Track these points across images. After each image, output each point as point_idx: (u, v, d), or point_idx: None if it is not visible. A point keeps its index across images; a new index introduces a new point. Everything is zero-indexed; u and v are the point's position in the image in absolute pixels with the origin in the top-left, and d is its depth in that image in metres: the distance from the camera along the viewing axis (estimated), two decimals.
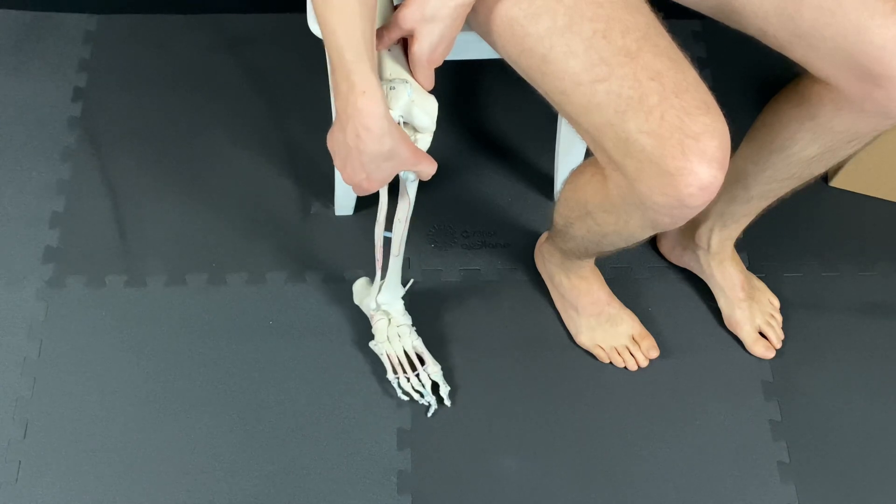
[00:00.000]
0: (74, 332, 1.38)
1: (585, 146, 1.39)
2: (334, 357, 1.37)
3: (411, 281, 1.30)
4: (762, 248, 1.47)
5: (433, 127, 1.01)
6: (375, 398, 1.34)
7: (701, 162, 0.87)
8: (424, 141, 1.01)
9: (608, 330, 1.37)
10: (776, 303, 1.41)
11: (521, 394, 1.35)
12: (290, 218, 1.49)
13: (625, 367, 1.37)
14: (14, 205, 1.49)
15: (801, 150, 1.11)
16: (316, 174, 1.52)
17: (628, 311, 1.38)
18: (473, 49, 1.11)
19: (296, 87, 1.61)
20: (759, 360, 1.38)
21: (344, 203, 1.47)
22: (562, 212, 1.15)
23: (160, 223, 1.48)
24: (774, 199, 1.23)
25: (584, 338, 1.37)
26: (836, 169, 1.51)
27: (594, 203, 1.05)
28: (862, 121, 1.03)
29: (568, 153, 1.42)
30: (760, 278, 1.43)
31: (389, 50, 0.99)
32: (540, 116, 1.58)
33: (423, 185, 1.11)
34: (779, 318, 1.40)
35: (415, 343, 1.31)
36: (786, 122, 1.11)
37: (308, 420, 1.32)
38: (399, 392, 1.32)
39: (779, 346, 1.39)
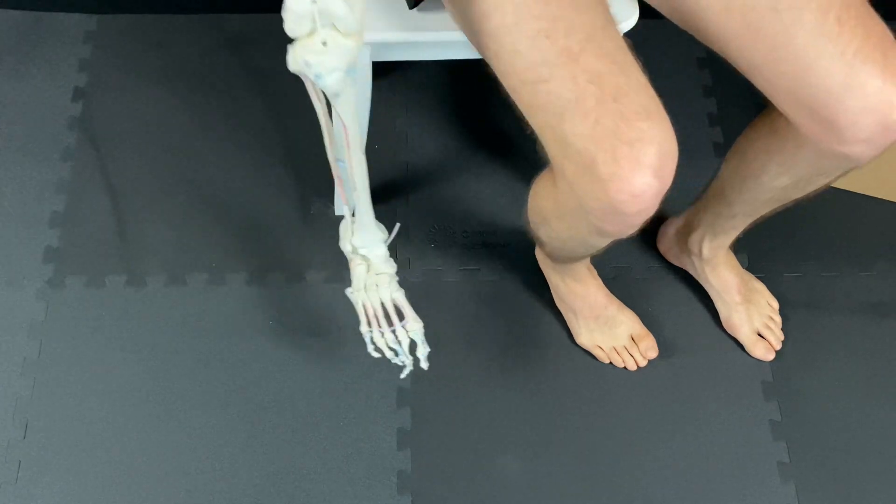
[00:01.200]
0: (74, 332, 1.38)
1: None
2: (334, 357, 1.37)
3: (398, 226, 1.18)
4: (762, 248, 1.47)
5: (357, 26, 0.85)
6: (375, 398, 1.34)
7: (633, 169, 0.84)
8: (346, 52, 0.86)
9: (607, 332, 1.37)
10: (775, 304, 1.41)
11: (521, 394, 1.35)
12: (290, 218, 1.49)
13: (624, 367, 1.37)
14: (14, 205, 1.49)
15: (771, 180, 1.11)
16: (316, 174, 1.52)
17: (627, 312, 1.38)
18: (473, 49, 1.11)
19: (296, 87, 1.61)
20: (759, 360, 1.38)
21: (343, 203, 1.47)
22: (528, 218, 1.14)
23: (160, 223, 1.48)
24: (760, 215, 1.22)
25: (584, 339, 1.38)
26: None
27: (548, 209, 1.04)
28: (823, 159, 1.01)
29: None
30: (760, 278, 1.43)
31: None
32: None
33: (423, 186, 1.11)
34: (778, 319, 1.40)
35: (395, 295, 1.14)
36: (756, 151, 1.10)
37: (308, 420, 1.32)
38: (371, 348, 1.17)
39: (778, 347, 1.39)
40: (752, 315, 1.38)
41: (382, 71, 1.56)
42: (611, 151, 0.84)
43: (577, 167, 0.88)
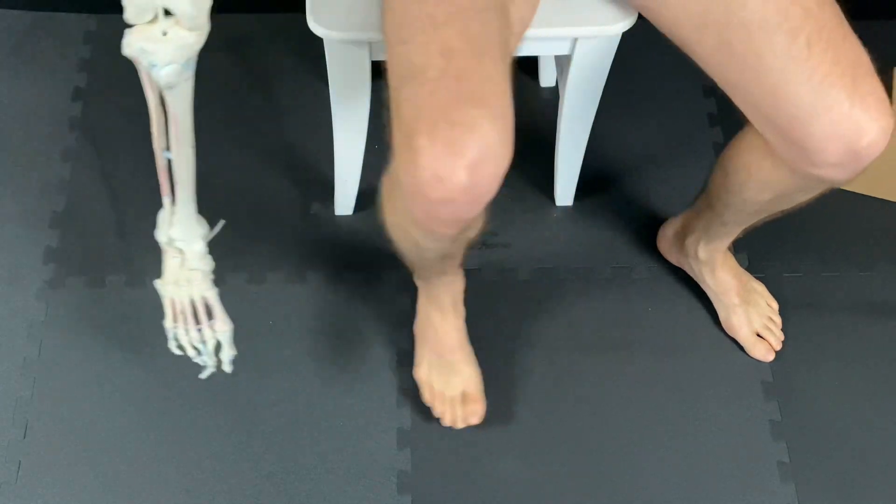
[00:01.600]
0: (74, 332, 1.38)
1: (585, 146, 1.39)
2: (334, 357, 1.37)
3: (221, 223, 1.15)
4: (762, 248, 1.47)
5: (201, 22, 0.82)
6: (375, 398, 1.34)
7: (446, 150, 0.79)
8: (185, 45, 0.83)
9: (444, 375, 1.30)
10: (774, 305, 1.41)
11: (521, 394, 1.35)
12: (290, 218, 1.49)
13: (438, 420, 1.31)
14: (14, 205, 1.49)
15: (754, 196, 1.11)
16: (316, 174, 1.52)
17: (472, 368, 1.31)
18: None
19: (296, 87, 1.61)
20: (760, 360, 1.38)
21: (344, 203, 1.47)
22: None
23: None
24: (751, 223, 1.22)
25: (421, 371, 1.31)
26: None
27: (384, 195, 0.99)
28: (800, 179, 1.01)
29: (568, 153, 1.42)
30: (760, 278, 1.43)
31: None
32: (540, 116, 1.58)
33: None
34: (777, 320, 1.40)
35: (206, 293, 1.09)
36: (737, 169, 1.10)
37: (308, 420, 1.32)
38: (173, 345, 1.12)
39: (779, 347, 1.38)
40: (752, 316, 1.38)
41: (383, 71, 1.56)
42: (432, 126, 0.79)
43: (400, 135, 0.84)
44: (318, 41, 1.14)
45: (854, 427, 1.34)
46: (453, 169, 0.79)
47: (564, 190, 1.49)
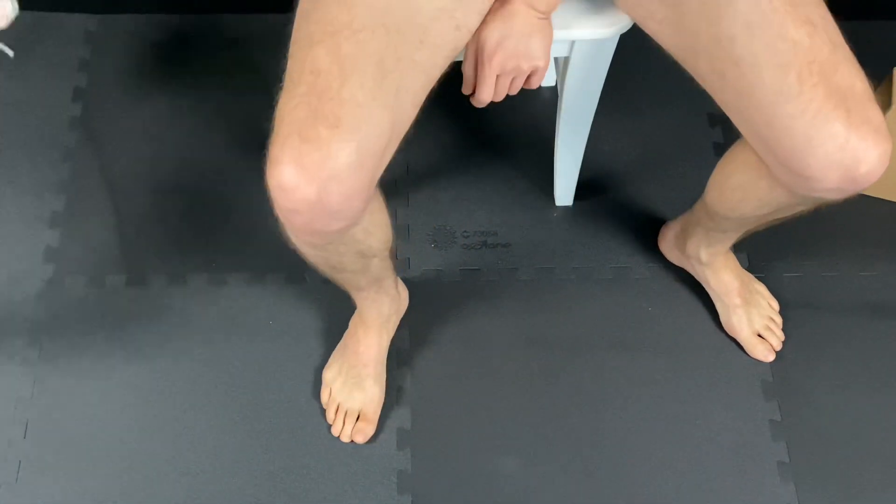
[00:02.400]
0: (74, 332, 1.38)
1: (585, 146, 1.39)
2: None
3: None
4: (762, 248, 1.47)
5: None
6: None
7: (291, 163, 0.82)
8: None
9: (348, 387, 1.30)
10: (775, 305, 1.41)
11: (521, 394, 1.35)
12: None
13: (329, 426, 1.31)
14: (14, 205, 1.49)
15: (752, 212, 1.11)
16: None
17: (377, 391, 1.31)
18: None
19: None
20: (760, 361, 1.38)
21: None
22: None
23: (160, 223, 1.48)
24: (751, 230, 1.22)
25: (329, 373, 1.32)
26: None
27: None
28: (797, 197, 1.01)
29: (567, 153, 1.42)
30: (760, 278, 1.43)
31: None
32: (540, 116, 1.58)
33: (423, 186, 1.11)
34: (778, 320, 1.40)
35: None
36: (733, 188, 1.10)
37: (308, 420, 1.32)
38: None
39: (779, 347, 1.38)
40: (753, 317, 1.38)
41: None
42: (286, 138, 0.83)
43: (271, 140, 0.86)
44: None
45: (854, 427, 1.34)
46: (297, 183, 0.82)
47: (564, 190, 1.49)
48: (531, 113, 1.58)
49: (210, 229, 1.47)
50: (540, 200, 1.52)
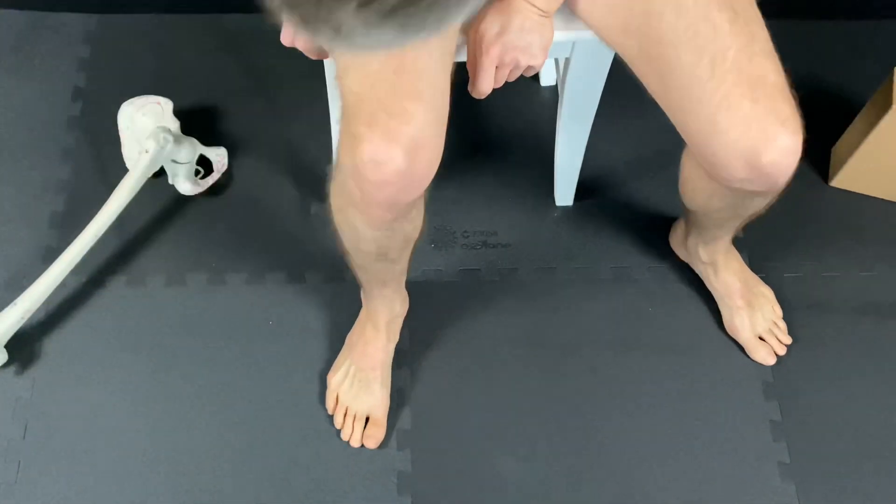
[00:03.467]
0: (74, 333, 1.38)
1: (585, 147, 1.39)
2: (334, 357, 1.37)
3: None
4: (762, 248, 1.47)
5: None
6: None
7: (383, 138, 0.86)
8: None
9: (355, 390, 1.29)
10: (779, 311, 1.40)
11: (521, 394, 1.35)
12: (290, 218, 1.49)
13: (338, 431, 1.30)
14: (14, 205, 1.49)
15: (706, 203, 1.13)
16: (316, 174, 1.52)
17: (383, 394, 1.30)
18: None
19: (296, 87, 1.61)
20: (760, 363, 1.38)
21: None
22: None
23: (160, 223, 1.48)
24: (733, 226, 1.23)
25: (336, 377, 1.31)
26: (837, 169, 1.51)
27: (332, 187, 1.02)
28: (732, 188, 1.02)
29: (568, 153, 1.42)
30: (760, 278, 1.43)
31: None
32: (540, 116, 1.58)
33: None
34: (782, 325, 1.39)
35: None
36: (685, 179, 1.13)
37: (308, 420, 1.32)
38: None
39: (782, 352, 1.38)
40: (755, 319, 1.37)
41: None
42: (370, 114, 0.86)
43: (343, 119, 0.90)
44: None
45: (854, 427, 1.34)
46: (390, 155, 0.86)
47: (564, 190, 1.49)
48: (531, 113, 1.58)
49: (210, 229, 1.47)
50: (540, 200, 1.52)
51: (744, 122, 0.91)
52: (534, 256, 1.46)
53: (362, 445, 1.29)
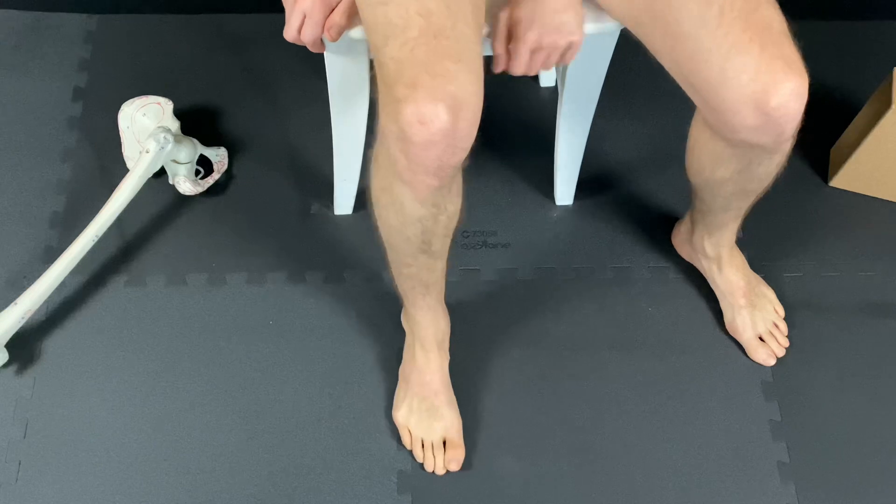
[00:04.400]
0: (74, 332, 1.38)
1: (584, 146, 1.40)
2: (334, 357, 1.37)
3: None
4: (762, 248, 1.47)
5: None
6: (375, 398, 1.34)
7: (427, 97, 0.87)
8: None
9: (424, 420, 1.28)
10: (781, 312, 1.40)
11: (521, 394, 1.35)
12: (290, 218, 1.49)
13: (421, 465, 1.29)
14: (14, 205, 1.49)
15: (713, 174, 1.13)
16: (316, 174, 1.52)
17: (454, 413, 1.29)
18: None
19: (296, 87, 1.61)
20: (760, 363, 1.38)
21: (344, 203, 1.47)
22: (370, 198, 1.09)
23: (160, 223, 1.48)
24: (738, 209, 1.23)
25: (401, 414, 1.29)
26: (836, 169, 1.51)
27: (373, 167, 1.02)
28: (735, 148, 1.04)
29: (568, 153, 1.42)
30: (761, 278, 1.43)
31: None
32: (540, 116, 1.58)
33: None
34: (783, 327, 1.39)
35: None
36: (691, 148, 1.14)
37: (308, 420, 1.32)
38: None
39: (781, 354, 1.38)
40: (756, 320, 1.37)
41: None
42: (413, 77, 0.87)
43: (384, 88, 0.91)
44: None
45: (854, 427, 1.34)
46: (435, 112, 0.87)
47: (564, 189, 1.49)
48: (531, 113, 1.58)
49: (210, 229, 1.47)
50: (540, 200, 1.52)
51: (753, 67, 0.93)
52: (534, 256, 1.46)
53: (447, 471, 1.28)
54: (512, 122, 1.59)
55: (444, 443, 1.28)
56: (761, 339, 1.38)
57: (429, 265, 1.15)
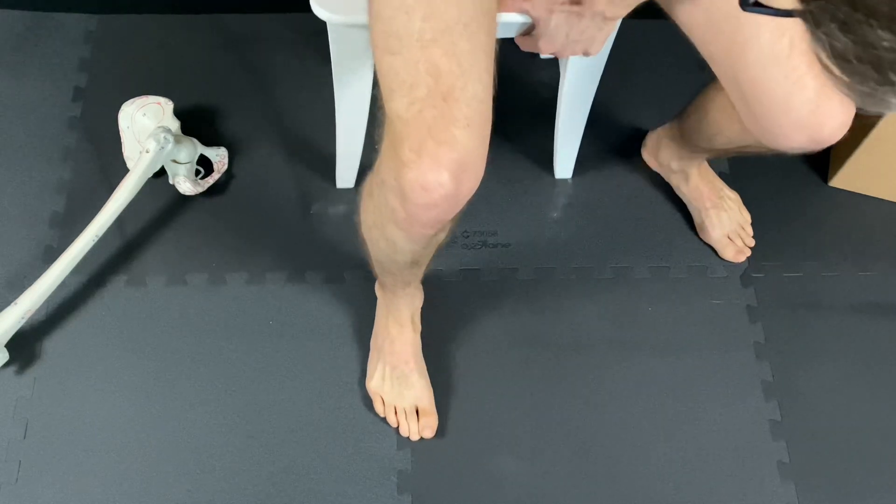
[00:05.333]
0: (74, 332, 1.38)
1: (585, 124, 1.41)
2: (334, 357, 1.37)
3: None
4: (762, 248, 1.47)
5: None
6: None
7: (431, 165, 0.86)
8: None
9: (396, 388, 1.30)
10: (747, 216, 1.46)
11: (521, 394, 1.35)
12: (290, 218, 1.49)
13: (397, 429, 1.31)
14: (14, 205, 1.49)
15: (724, 145, 1.19)
16: (316, 174, 1.52)
17: (424, 381, 1.32)
18: None
19: (296, 87, 1.61)
20: (759, 359, 1.38)
21: (346, 176, 1.47)
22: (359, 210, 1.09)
23: (160, 223, 1.48)
24: (724, 152, 1.30)
25: (374, 383, 1.32)
26: (836, 169, 1.51)
27: (366, 187, 1.02)
28: (765, 144, 1.07)
29: (567, 154, 1.42)
30: (760, 278, 1.43)
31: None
32: (540, 117, 1.58)
33: None
34: (749, 229, 1.45)
35: None
36: (710, 122, 1.19)
37: (308, 420, 1.32)
38: None
39: (748, 253, 1.44)
40: (723, 220, 1.43)
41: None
42: (419, 142, 0.86)
43: (389, 142, 0.90)
44: (318, 43, 1.14)
45: (854, 427, 1.34)
46: (438, 181, 0.87)
47: (564, 164, 1.51)
48: (531, 113, 1.58)
49: (210, 229, 1.47)
50: (540, 201, 1.52)
51: (815, 101, 0.97)
52: (534, 256, 1.46)
53: (421, 438, 1.31)
54: (511, 123, 1.58)
55: (417, 411, 1.30)
56: (730, 239, 1.44)
57: (414, 272, 1.18)
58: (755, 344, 1.40)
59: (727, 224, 1.44)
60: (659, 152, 1.44)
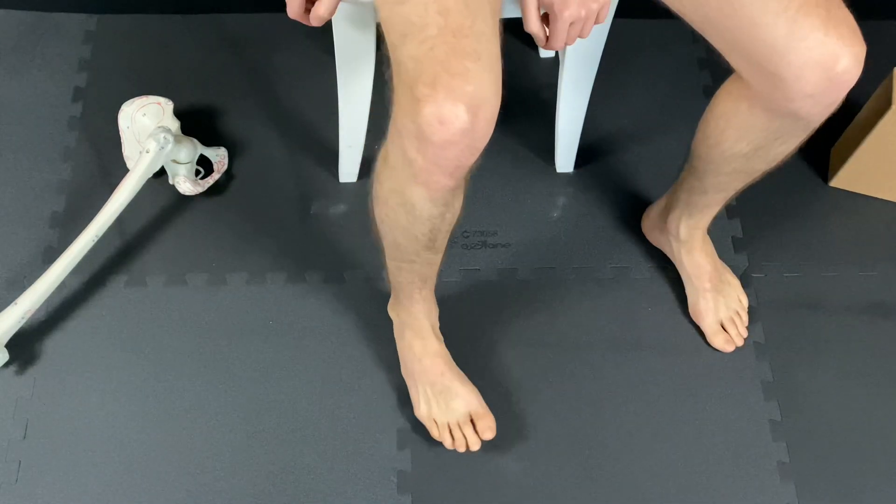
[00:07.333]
0: (74, 332, 1.38)
1: (584, 116, 1.40)
2: (334, 357, 1.37)
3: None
4: (762, 248, 1.47)
5: None
6: (375, 398, 1.34)
7: (447, 97, 0.87)
8: None
9: (442, 404, 1.28)
10: (745, 301, 1.41)
11: (521, 393, 1.35)
12: (290, 218, 1.49)
13: (454, 449, 1.28)
14: (14, 205, 1.49)
15: (731, 147, 1.13)
16: (316, 172, 1.52)
17: (467, 386, 1.29)
18: None
19: (296, 86, 1.61)
20: (759, 359, 1.38)
21: (348, 170, 1.47)
22: (371, 198, 1.09)
23: (160, 223, 1.48)
24: (730, 191, 1.24)
25: (422, 410, 1.29)
26: (836, 169, 1.51)
27: (380, 163, 1.02)
28: (776, 120, 1.03)
29: (568, 145, 1.42)
30: (760, 278, 1.43)
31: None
32: (540, 116, 1.58)
33: None
34: (744, 316, 1.40)
35: None
36: (716, 118, 1.13)
37: (308, 420, 1.32)
38: None
39: (740, 343, 1.38)
40: (719, 305, 1.38)
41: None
42: (432, 76, 0.87)
43: (402, 87, 0.91)
44: (318, 43, 1.14)
45: (854, 427, 1.34)
46: (455, 112, 0.87)
47: (565, 157, 1.51)
48: (531, 113, 1.58)
49: (210, 229, 1.47)
50: (540, 201, 1.52)
51: (822, 30, 0.93)
52: (534, 256, 1.46)
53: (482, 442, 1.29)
54: (510, 122, 1.58)
55: (472, 418, 1.28)
56: (723, 326, 1.39)
57: (430, 260, 1.16)
58: (755, 344, 1.40)
59: (723, 310, 1.38)
60: (668, 217, 1.37)
